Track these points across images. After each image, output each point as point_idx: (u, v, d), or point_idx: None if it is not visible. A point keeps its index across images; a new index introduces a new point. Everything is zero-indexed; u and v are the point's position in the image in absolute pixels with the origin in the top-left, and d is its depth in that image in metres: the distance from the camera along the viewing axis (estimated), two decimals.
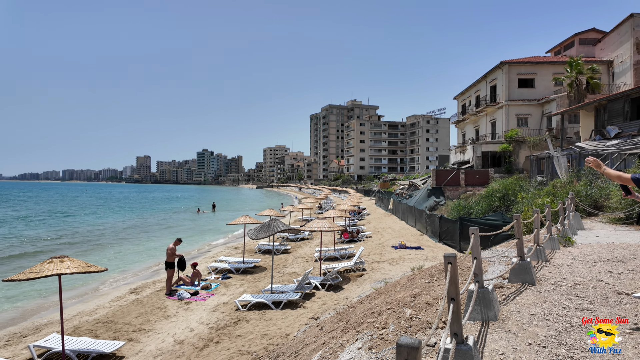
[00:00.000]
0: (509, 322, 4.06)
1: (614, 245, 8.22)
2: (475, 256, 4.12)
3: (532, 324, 4.00)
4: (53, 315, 10.41)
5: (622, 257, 6.95)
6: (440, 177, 31.95)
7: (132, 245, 23.56)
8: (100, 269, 7.55)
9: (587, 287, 5.20)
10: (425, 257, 13.77)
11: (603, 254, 7.37)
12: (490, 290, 4.17)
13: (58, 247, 22.01)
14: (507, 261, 6.89)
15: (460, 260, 7.74)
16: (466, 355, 2.83)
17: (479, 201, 20.35)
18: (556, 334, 3.72)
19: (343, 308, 8.04)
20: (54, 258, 7.20)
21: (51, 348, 7.55)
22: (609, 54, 33.09)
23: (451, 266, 2.92)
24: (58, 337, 7.83)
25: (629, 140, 18.47)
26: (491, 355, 3.35)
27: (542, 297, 4.80)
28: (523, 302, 4.67)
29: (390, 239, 19.08)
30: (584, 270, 6.16)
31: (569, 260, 6.89)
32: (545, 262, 6.69)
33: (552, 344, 3.53)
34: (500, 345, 3.54)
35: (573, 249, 7.92)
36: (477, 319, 4.09)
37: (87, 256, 18.92)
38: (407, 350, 1.52)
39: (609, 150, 18.10)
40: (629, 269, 6.07)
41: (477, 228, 4.15)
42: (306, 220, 30.36)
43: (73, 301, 12.09)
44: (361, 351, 3.93)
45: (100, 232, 29.31)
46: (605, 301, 4.63)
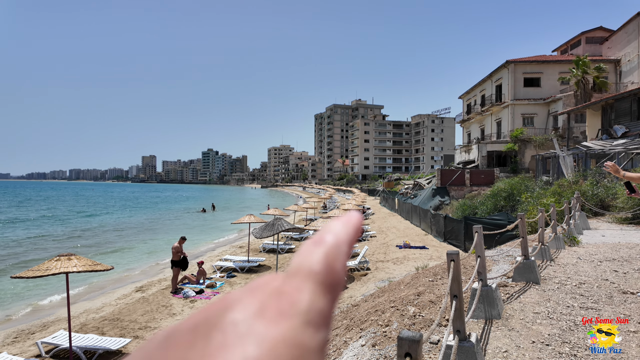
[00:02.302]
0: (512, 320, 4.07)
1: (620, 245, 8.17)
2: (478, 255, 4.13)
3: (536, 322, 4.00)
4: (60, 312, 10.53)
5: (628, 257, 6.91)
6: (445, 177, 31.84)
7: (138, 243, 23.74)
8: (106, 268, 7.63)
9: (591, 286, 5.19)
10: (429, 257, 13.76)
11: (609, 253, 7.33)
12: (493, 289, 4.18)
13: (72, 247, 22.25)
14: (512, 260, 6.88)
15: (464, 259, 7.74)
16: (468, 352, 2.84)
17: (484, 201, 20.27)
18: (560, 333, 3.72)
19: (347, 307, 8.06)
20: (62, 256, 7.28)
21: (58, 344, 7.64)
22: (616, 52, 32.79)
23: (454, 264, 2.93)
24: (65, 334, 7.93)
25: (636, 140, 18.31)
26: (494, 353, 3.36)
27: (546, 296, 4.80)
28: (527, 300, 4.67)
29: (394, 238, 19.07)
30: (589, 269, 6.14)
31: (574, 259, 6.86)
32: (550, 261, 6.67)
33: (555, 342, 3.54)
34: (503, 343, 3.55)
35: (578, 249, 7.88)
36: (481, 317, 4.10)
37: (95, 255, 19.10)
38: (408, 344, 1.54)
39: (616, 149, 17.96)
40: (634, 269, 6.04)
41: (480, 227, 4.16)
42: (310, 219, 30.41)
43: (80, 299, 12.22)
44: (364, 348, 3.95)
45: (117, 231, 29.58)
46: (610, 300, 4.62)
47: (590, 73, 28.05)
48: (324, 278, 0.20)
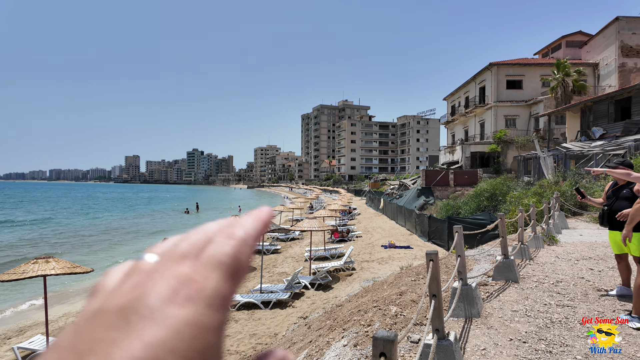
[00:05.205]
0: (491, 318, 4.14)
1: (597, 244, 8.41)
2: (459, 254, 4.20)
3: (514, 320, 4.08)
4: (37, 317, 10.26)
5: (604, 255, 7.12)
6: (430, 177, 32.22)
7: (119, 245, 23.31)
8: (86, 270, 7.47)
9: (568, 284, 5.32)
10: (414, 256, 13.89)
11: (585, 252, 7.54)
12: (473, 288, 4.25)
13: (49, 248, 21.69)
14: (492, 259, 7.00)
15: (446, 258, 7.84)
16: (447, 350, 2.88)
17: (468, 201, 20.58)
18: (537, 330, 3.80)
19: (331, 307, 8.08)
20: (39, 258, 7.11)
21: (36, 350, 7.45)
22: (595, 56, 33.70)
23: (433, 263, 2.97)
24: (43, 339, 7.73)
25: (613, 141, 18.85)
26: (473, 351, 3.41)
27: (525, 294, 4.90)
28: (506, 299, 4.76)
29: (380, 238, 19.20)
30: (566, 267, 6.29)
31: (553, 258, 7.03)
32: (529, 260, 6.81)
33: (532, 339, 3.61)
34: (482, 341, 3.61)
35: (557, 248, 8.07)
36: (461, 316, 4.16)
37: (74, 256, 18.67)
38: (382, 344, 1.56)
39: (594, 151, 18.46)
40: (609, 267, 6.22)
41: (460, 227, 4.22)
42: (297, 220, 30.36)
43: (59, 302, 11.93)
44: (346, 348, 3.97)
45: (90, 233, 28.95)
46: (585, 298, 4.75)
47: (571, 76, 28.75)
48: (230, 268, 0.25)
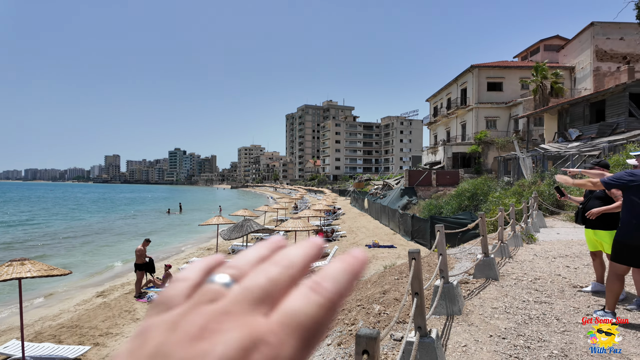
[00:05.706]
0: (472, 315, 4.22)
1: (573, 242, 8.66)
2: (440, 253, 4.26)
3: (494, 317, 4.17)
4: (12, 321, 9.93)
5: (579, 253, 7.35)
6: (413, 177, 32.61)
7: (99, 247, 22.78)
8: (64, 272, 7.27)
9: (546, 282, 5.47)
10: (397, 256, 14.03)
11: (562, 250, 7.76)
12: (455, 286, 4.33)
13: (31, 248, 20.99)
14: (473, 258, 7.14)
15: (429, 257, 7.95)
16: (429, 347, 2.93)
17: (449, 200, 20.92)
18: (515, 326, 3.90)
19: None
20: (14, 261, 6.88)
21: (10, 355, 7.21)
22: (571, 60, 34.73)
23: (415, 262, 3.01)
24: (18, 344, 7.49)
25: (589, 143, 19.47)
26: (454, 348, 3.48)
27: (504, 292, 5.01)
28: (486, 296, 4.86)
29: (364, 238, 19.32)
30: (544, 265, 6.47)
31: (531, 256, 7.21)
32: (508, 258, 6.97)
33: (511, 335, 3.70)
34: (463, 337, 3.68)
35: (535, 246, 8.29)
36: (443, 314, 4.23)
37: (52, 259, 18.14)
38: (365, 341, 1.57)
39: (570, 152, 19.03)
40: (584, 264, 6.42)
41: (442, 226, 4.29)
42: (281, 220, 30.26)
43: (35, 306, 11.58)
44: (330, 347, 3.98)
45: (73, 233, 28.16)
46: (562, 294, 4.89)
47: (549, 78, 29.55)
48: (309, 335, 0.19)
